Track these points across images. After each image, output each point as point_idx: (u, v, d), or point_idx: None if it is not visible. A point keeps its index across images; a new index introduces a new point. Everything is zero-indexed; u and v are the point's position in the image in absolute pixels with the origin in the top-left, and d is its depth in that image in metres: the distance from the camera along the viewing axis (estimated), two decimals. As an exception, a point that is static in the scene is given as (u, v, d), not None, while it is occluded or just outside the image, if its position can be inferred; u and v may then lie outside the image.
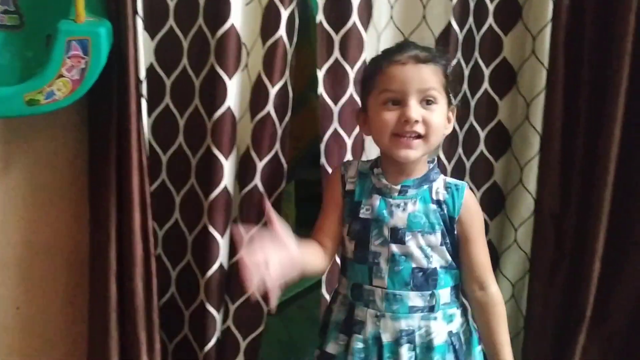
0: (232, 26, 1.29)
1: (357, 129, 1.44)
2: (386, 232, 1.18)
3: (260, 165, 1.38)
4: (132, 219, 1.23)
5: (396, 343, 1.17)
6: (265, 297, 1.40)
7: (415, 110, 1.14)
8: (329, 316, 1.26)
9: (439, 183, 1.23)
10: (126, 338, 1.25)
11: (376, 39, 1.47)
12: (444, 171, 1.50)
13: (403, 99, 1.15)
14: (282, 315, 2.04)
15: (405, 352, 1.17)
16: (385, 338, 1.17)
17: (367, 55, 1.43)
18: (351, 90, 1.40)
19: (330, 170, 1.38)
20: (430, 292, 1.19)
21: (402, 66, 1.15)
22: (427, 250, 1.18)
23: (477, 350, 1.26)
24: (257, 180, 1.39)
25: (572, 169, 1.52)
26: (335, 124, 1.40)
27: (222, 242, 1.34)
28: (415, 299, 1.18)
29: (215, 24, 1.29)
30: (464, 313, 1.25)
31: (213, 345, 1.37)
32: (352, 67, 1.39)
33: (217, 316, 1.36)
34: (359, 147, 1.45)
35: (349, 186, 1.23)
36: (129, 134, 1.22)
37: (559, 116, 1.50)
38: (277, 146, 1.40)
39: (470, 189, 1.57)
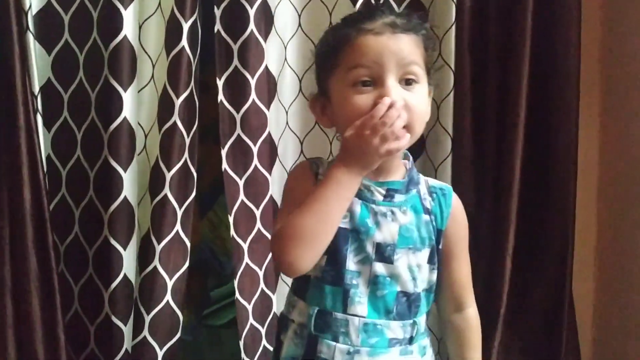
0: (125, 38, 1.30)
1: (263, 136, 1.44)
2: (370, 248, 0.94)
3: (169, 175, 1.38)
4: (25, 235, 1.23)
5: None
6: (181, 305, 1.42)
7: (396, 90, 0.90)
8: (278, 350, 1.01)
9: (423, 186, 1.01)
10: (25, 356, 1.24)
11: (282, 47, 1.48)
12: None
13: (379, 77, 0.90)
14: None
15: None
16: None
17: (269, 63, 1.43)
18: (253, 97, 1.40)
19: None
20: (411, 320, 0.97)
21: (377, 36, 0.91)
22: (415, 272, 0.97)
23: None
24: (167, 190, 1.39)
25: (484, 169, 1.54)
26: (238, 131, 1.41)
27: (125, 254, 1.34)
28: (396, 329, 0.96)
29: (108, 37, 1.30)
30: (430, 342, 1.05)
31: (121, 357, 1.36)
32: (252, 76, 1.40)
33: (125, 328, 1.36)
34: (266, 153, 1.45)
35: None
36: (18, 150, 1.22)
37: (468, 117, 1.52)
38: (186, 155, 1.41)
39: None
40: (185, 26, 1.35)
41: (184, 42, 1.35)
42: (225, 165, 1.39)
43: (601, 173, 1.63)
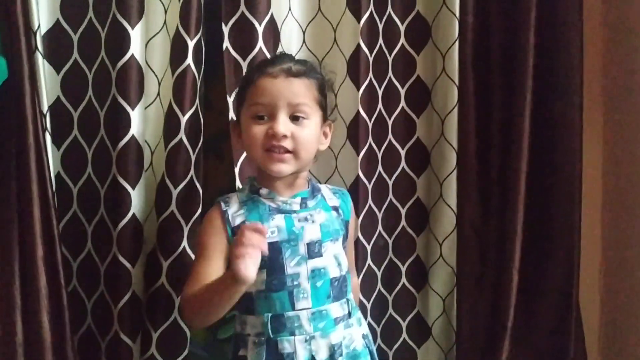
0: (132, 57, 1.31)
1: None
2: (302, 249, 1.13)
3: (175, 192, 1.39)
4: (35, 253, 1.23)
5: (330, 358, 1.13)
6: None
7: (283, 124, 1.10)
8: None
9: (325, 191, 1.24)
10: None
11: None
12: (365, 191, 1.53)
13: (272, 113, 1.11)
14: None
15: None
16: (319, 358, 1.12)
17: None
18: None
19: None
20: (344, 299, 1.17)
21: (273, 79, 1.12)
22: (338, 258, 1.17)
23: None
24: (173, 207, 1.39)
25: (489, 182, 1.55)
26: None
27: (133, 271, 1.34)
28: (336, 309, 1.15)
29: (116, 56, 1.31)
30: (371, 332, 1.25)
31: (130, 374, 1.36)
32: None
33: (133, 346, 1.36)
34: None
35: (237, 220, 1.13)
36: (28, 168, 1.23)
37: (472, 131, 1.54)
38: (192, 172, 1.41)
39: (395, 206, 1.62)
40: (191, 44, 1.36)
41: (189, 59, 1.36)
42: (238, 182, 1.40)
43: (605, 185, 1.64)
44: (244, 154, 1.41)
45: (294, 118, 1.12)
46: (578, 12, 1.47)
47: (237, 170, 1.41)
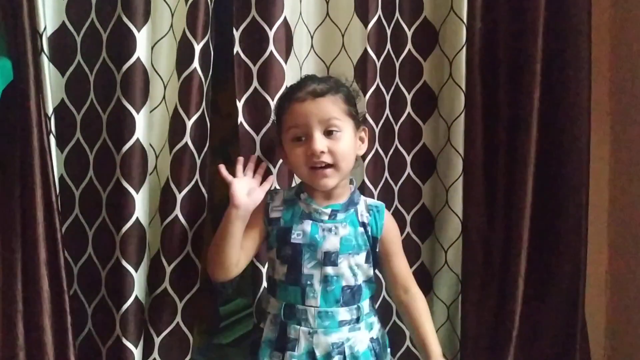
0: (138, 60, 1.30)
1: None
2: (319, 256, 1.25)
3: (179, 196, 1.38)
4: (37, 256, 1.23)
5: (328, 356, 1.24)
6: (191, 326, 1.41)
7: (319, 142, 1.21)
8: (259, 335, 1.29)
9: (362, 205, 1.32)
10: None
11: (298, 69, 1.48)
12: (371, 196, 1.51)
13: (308, 133, 1.22)
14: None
15: None
16: (319, 352, 1.23)
17: (288, 84, 1.44)
18: (273, 118, 1.40)
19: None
20: (356, 305, 1.27)
21: (302, 103, 1.22)
22: (355, 269, 1.27)
23: (388, 352, 1.35)
24: (178, 212, 1.38)
25: (496, 189, 1.54)
26: (257, 152, 1.41)
27: (137, 276, 1.33)
28: (344, 313, 1.26)
29: (121, 59, 1.30)
30: (379, 320, 1.34)
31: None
32: (272, 97, 1.40)
33: (135, 350, 1.35)
34: (284, 174, 1.45)
35: (274, 214, 1.29)
36: (32, 171, 1.22)
37: (479, 137, 1.53)
38: (197, 176, 1.40)
39: (400, 212, 1.60)
40: (197, 47, 1.36)
41: (196, 63, 1.36)
42: None
43: (613, 193, 1.63)
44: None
45: (328, 133, 1.23)
46: (586, 17, 1.46)
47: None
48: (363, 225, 1.29)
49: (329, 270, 1.25)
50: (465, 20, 1.49)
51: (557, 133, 1.48)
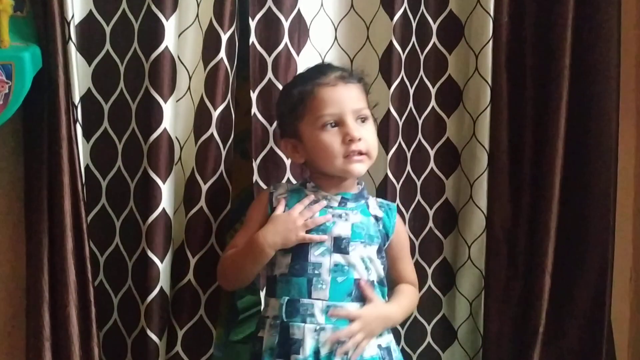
0: (167, 49, 1.29)
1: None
2: (329, 242, 1.17)
3: (205, 187, 1.37)
4: (64, 246, 1.22)
5: (330, 354, 1.14)
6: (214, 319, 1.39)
7: (356, 128, 1.17)
8: (259, 346, 1.18)
9: (372, 201, 1.28)
10: (61, 368, 1.22)
11: (319, 61, 1.47)
12: (393, 191, 1.51)
13: (340, 120, 1.17)
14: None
15: None
16: (324, 351, 1.13)
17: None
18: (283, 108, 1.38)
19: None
20: None
21: (333, 87, 1.18)
22: (367, 262, 1.20)
23: None
24: (203, 203, 1.37)
25: (521, 184, 1.53)
26: (271, 143, 1.41)
27: (162, 267, 1.32)
28: (355, 310, 1.16)
29: (149, 48, 1.29)
30: (394, 334, 1.27)
31: (155, 372, 1.34)
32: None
33: (159, 342, 1.34)
34: (297, 166, 1.44)
35: (277, 203, 1.22)
36: (60, 159, 1.21)
37: (505, 132, 1.51)
38: (222, 168, 1.39)
39: (422, 207, 1.59)
40: (224, 37, 1.35)
41: (222, 53, 1.35)
42: (256, 176, 1.39)
43: (638, 188, 1.61)
44: (263, 153, 1.40)
45: (361, 121, 1.19)
46: (616, 11, 1.44)
47: (255, 165, 1.40)
48: (376, 218, 1.24)
49: (339, 258, 1.16)
50: (492, 14, 1.48)
51: (585, 127, 1.47)
